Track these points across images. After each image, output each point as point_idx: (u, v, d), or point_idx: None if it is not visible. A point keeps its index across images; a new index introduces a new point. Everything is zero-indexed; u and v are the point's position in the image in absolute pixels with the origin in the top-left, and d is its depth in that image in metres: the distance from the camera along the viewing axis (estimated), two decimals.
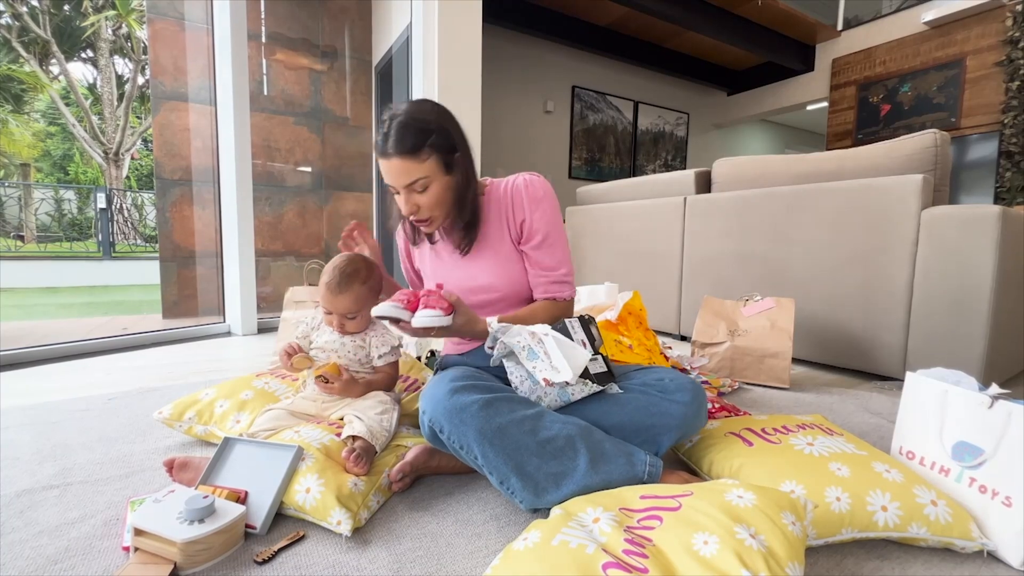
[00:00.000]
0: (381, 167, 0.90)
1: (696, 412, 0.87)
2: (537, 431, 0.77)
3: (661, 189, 2.44)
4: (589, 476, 0.75)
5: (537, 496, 0.75)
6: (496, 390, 0.82)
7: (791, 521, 0.61)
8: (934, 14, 4.12)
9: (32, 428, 1.16)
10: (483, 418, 0.75)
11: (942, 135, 1.56)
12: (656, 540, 0.60)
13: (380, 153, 0.89)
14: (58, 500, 0.84)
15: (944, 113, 4.18)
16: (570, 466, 0.76)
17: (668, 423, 0.85)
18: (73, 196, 11.38)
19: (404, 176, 0.88)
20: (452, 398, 0.77)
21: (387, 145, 0.87)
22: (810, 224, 1.79)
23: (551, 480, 0.75)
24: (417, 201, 0.91)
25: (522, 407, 0.80)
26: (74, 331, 2.88)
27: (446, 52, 2.72)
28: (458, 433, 0.76)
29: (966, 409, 0.79)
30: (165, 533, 0.65)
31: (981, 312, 1.42)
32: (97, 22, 10.28)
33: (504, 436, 0.75)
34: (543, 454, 0.76)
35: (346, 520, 0.74)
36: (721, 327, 1.70)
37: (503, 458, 0.75)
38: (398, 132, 0.87)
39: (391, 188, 0.93)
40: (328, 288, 1.01)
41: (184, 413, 1.08)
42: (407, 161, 0.87)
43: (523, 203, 0.97)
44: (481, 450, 0.75)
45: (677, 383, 0.89)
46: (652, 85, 5.57)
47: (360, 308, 1.04)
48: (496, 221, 1.00)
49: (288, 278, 3.59)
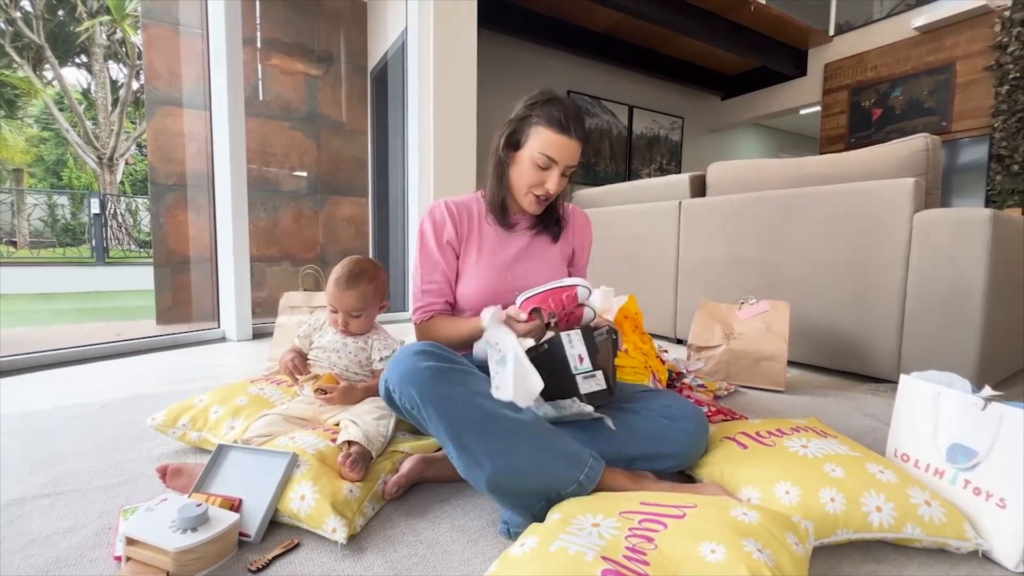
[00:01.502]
0: (553, 139, 0.96)
1: (699, 442, 0.91)
2: (485, 407, 0.76)
3: (656, 193, 2.45)
4: (525, 461, 0.74)
5: (468, 469, 0.74)
6: (463, 368, 0.81)
7: (794, 542, 0.61)
8: (924, 20, 4.17)
9: (23, 436, 1.15)
10: (432, 383, 0.76)
11: (933, 139, 1.58)
12: (660, 545, 0.59)
13: (562, 130, 0.96)
14: (49, 509, 0.83)
15: (935, 117, 4.22)
16: (508, 447, 0.74)
17: (672, 451, 0.89)
18: (67, 201, 11.33)
19: (574, 158, 0.99)
20: (409, 360, 0.79)
21: (576, 127, 0.97)
22: (804, 227, 1.80)
23: (486, 456, 0.73)
24: (561, 184, 1.01)
25: (481, 383, 0.80)
26: (67, 337, 2.86)
27: (442, 58, 2.73)
28: (407, 394, 0.77)
29: (959, 411, 0.79)
30: (158, 542, 0.64)
31: (974, 314, 1.44)
32: (92, 27, 10.26)
33: (449, 403, 0.75)
34: (485, 429, 0.74)
35: (341, 527, 0.73)
36: (717, 330, 1.70)
37: (444, 424, 0.75)
38: (580, 120, 0.98)
39: (544, 159, 0.97)
40: (336, 284, 1.04)
41: (178, 419, 1.07)
42: (581, 146, 0.99)
43: (583, 228, 1.18)
44: (426, 411, 0.76)
45: (683, 411, 0.92)
46: (647, 90, 5.61)
47: (365, 307, 1.06)
48: (563, 235, 1.14)
49: (284, 283, 3.58)
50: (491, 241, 1.07)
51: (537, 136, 0.97)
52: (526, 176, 1.00)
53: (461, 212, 1.07)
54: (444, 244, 1.05)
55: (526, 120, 0.99)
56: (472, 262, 1.06)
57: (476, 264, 1.05)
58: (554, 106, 0.97)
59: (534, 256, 1.09)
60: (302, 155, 3.69)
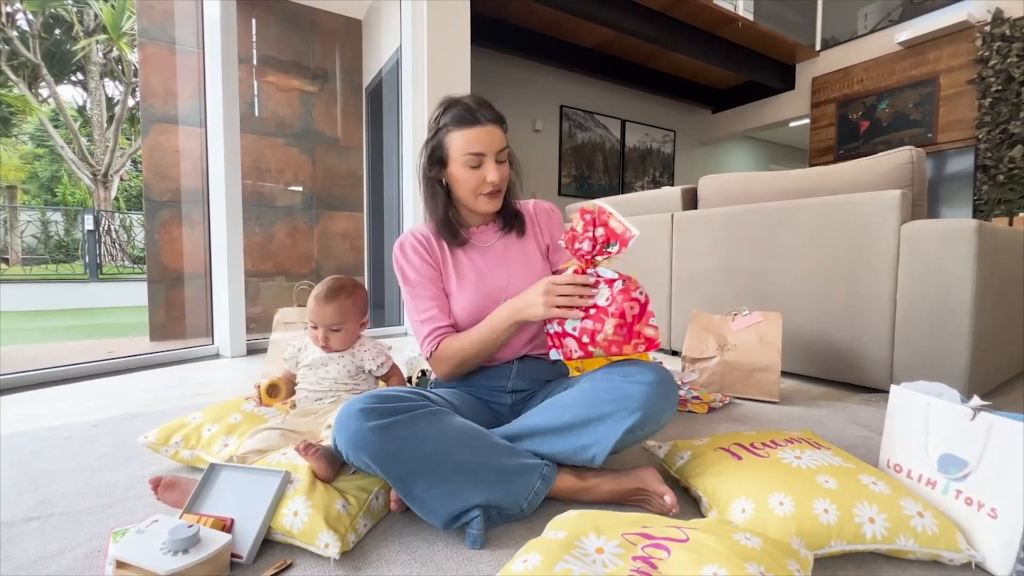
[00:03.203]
0: (467, 136, 0.95)
1: (661, 394, 0.85)
2: (430, 456, 0.78)
3: (648, 206, 2.47)
4: (475, 497, 0.78)
5: (425, 514, 0.78)
6: (409, 414, 0.79)
7: (796, 569, 0.62)
8: (907, 35, 4.28)
9: (12, 457, 1.14)
10: (378, 443, 0.76)
11: (918, 152, 1.61)
12: (663, 569, 0.60)
13: (471, 121, 0.94)
14: (38, 532, 0.82)
15: (921, 129, 4.31)
16: (457, 489, 0.78)
17: (630, 405, 0.83)
18: (60, 218, 11.29)
19: (499, 142, 0.96)
20: (354, 423, 0.78)
21: (480, 113, 0.95)
22: (794, 239, 1.83)
23: (437, 502, 0.77)
24: (501, 172, 0.98)
25: (426, 425, 0.79)
26: (59, 355, 2.83)
27: (436, 75, 2.77)
28: (362, 460, 0.78)
29: (949, 421, 0.80)
30: (148, 565, 0.63)
31: (963, 324, 1.45)
32: (88, 46, 10.34)
33: (395, 460, 0.77)
34: (432, 478, 0.77)
35: (334, 543, 0.73)
36: (710, 342, 1.71)
37: (392, 479, 0.78)
38: (485, 104, 0.96)
39: (472, 157, 0.95)
40: (316, 299, 1.07)
41: (170, 437, 1.06)
42: (499, 128, 0.97)
43: (550, 219, 1.13)
44: (380, 470, 0.77)
45: (641, 367, 0.88)
46: (639, 104, 5.69)
47: (344, 321, 1.07)
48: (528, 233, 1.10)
49: (278, 298, 3.57)
50: (463, 261, 1.06)
51: (454, 141, 0.96)
52: (467, 183, 0.98)
53: (429, 239, 1.07)
54: (424, 271, 1.04)
55: (439, 134, 0.98)
56: (454, 286, 1.05)
57: (459, 287, 1.04)
58: (454, 107, 0.97)
59: (510, 259, 1.07)
60: (297, 171, 3.71)
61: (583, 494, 0.89)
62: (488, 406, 1.05)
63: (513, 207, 1.09)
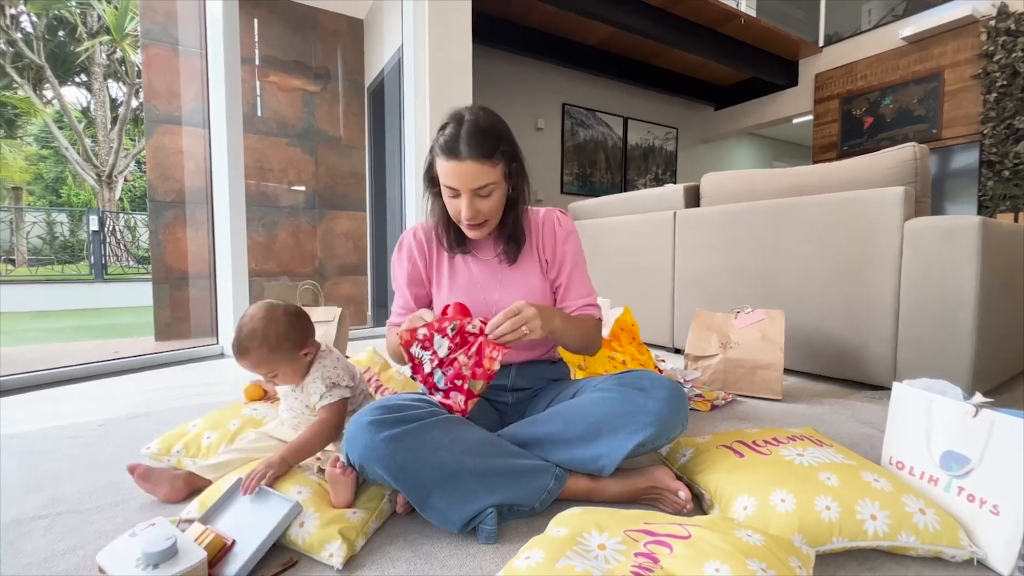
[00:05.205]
0: (445, 167, 0.88)
1: (675, 408, 0.86)
2: (444, 465, 0.78)
3: (651, 204, 2.47)
4: (490, 500, 0.80)
5: (442, 522, 0.79)
6: (419, 423, 0.80)
7: (798, 566, 0.62)
8: (911, 30, 4.25)
9: (20, 457, 1.15)
10: (391, 455, 0.77)
11: (921, 148, 1.60)
12: (665, 565, 0.60)
13: (449, 153, 0.87)
14: (47, 531, 0.83)
15: (925, 125, 4.28)
16: (472, 495, 0.79)
17: (644, 419, 0.84)
18: (65, 219, 11.35)
19: (475, 179, 0.87)
20: (366, 435, 0.78)
21: (459, 146, 0.86)
22: (797, 237, 1.82)
23: (452, 509, 0.78)
24: (479, 206, 0.91)
25: (438, 435, 0.80)
26: (65, 356, 2.85)
27: (437, 74, 2.77)
28: (376, 473, 0.78)
29: (951, 418, 0.80)
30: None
31: (966, 321, 1.45)
32: (92, 47, 10.38)
33: (408, 471, 0.77)
34: (447, 487, 0.78)
35: (338, 552, 0.73)
36: (713, 340, 1.71)
37: (407, 490, 0.78)
38: (475, 135, 0.86)
39: (448, 190, 0.91)
40: (232, 350, 0.93)
41: (172, 447, 1.05)
42: (482, 165, 0.87)
43: (554, 234, 1.04)
44: (393, 482, 0.78)
45: (654, 381, 0.89)
46: (641, 101, 5.68)
47: (272, 369, 0.93)
48: (528, 247, 1.04)
49: (282, 298, 3.58)
50: (459, 265, 1.05)
51: (438, 167, 0.90)
52: (450, 208, 0.94)
53: (429, 240, 1.05)
54: (412, 274, 1.05)
55: (431, 153, 0.93)
56: (445, 287, 1.04)
57: (448, 289, 1.04)
58: (444, 131, 0.89)
59: (506, 275, 1.03)
60: (299, 171, 3.72)
61: (596, 494, 0.89)
62: (491, 404, 1.06)
63: (514, 226, 1.01)
